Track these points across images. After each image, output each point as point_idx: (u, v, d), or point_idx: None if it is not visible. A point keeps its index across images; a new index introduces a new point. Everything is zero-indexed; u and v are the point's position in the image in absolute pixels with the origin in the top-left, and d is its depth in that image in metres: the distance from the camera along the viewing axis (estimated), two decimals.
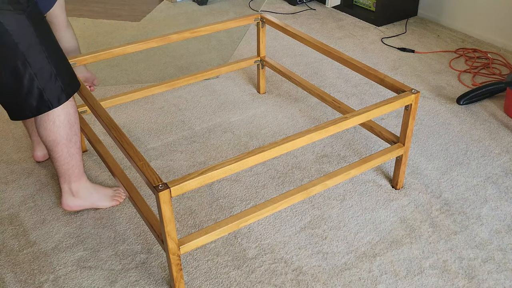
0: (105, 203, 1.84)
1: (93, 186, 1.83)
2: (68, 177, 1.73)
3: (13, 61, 1.47)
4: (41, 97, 1.54)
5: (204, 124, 2.32)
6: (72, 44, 2.05)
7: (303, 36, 2.08)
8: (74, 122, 1.65)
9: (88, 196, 1.80)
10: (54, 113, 1.59)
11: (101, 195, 1.83)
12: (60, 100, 1.58)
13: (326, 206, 1.85)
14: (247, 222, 1.53)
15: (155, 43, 2.07)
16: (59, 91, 1.57)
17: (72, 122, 1.65)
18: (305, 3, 3.68)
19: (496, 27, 2.96)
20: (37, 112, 1.57)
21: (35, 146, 2.06)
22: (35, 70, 1.51)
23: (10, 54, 1.47)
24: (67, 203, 1.78)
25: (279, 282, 1.57)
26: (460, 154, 2.10)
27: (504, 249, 1.67)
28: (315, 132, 1.50)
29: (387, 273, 1.59)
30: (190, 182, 1.33)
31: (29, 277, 1.60)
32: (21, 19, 1.45)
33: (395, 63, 2.83)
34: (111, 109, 2.43)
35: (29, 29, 1.47)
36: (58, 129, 1.62)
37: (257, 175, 2.00)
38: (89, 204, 1.81)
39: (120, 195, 1.88)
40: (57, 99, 1.57)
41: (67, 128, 1.63)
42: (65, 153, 1.67)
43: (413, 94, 1.67)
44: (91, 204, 1.82)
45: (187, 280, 1.58)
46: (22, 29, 1.46)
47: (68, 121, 1.63)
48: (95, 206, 1.83)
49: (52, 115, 1.59)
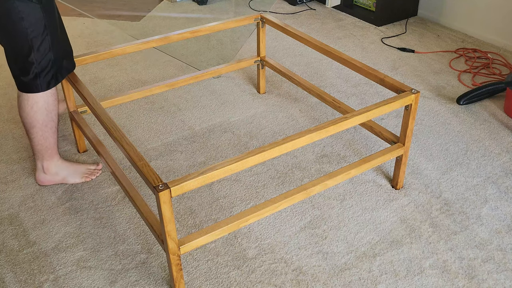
0: (75, 179, 1.95)
1: (65, 164, 1.95)
2: (41, 155, 1.87)
3: (20, 45, 1.62)
4: (34, 80, 1.68)
5: (204, 124, 2.32)
6: None
7: (303, 36, 2.08)
8: (52, 109, 1.78)
9: (58, 173, 1.93)
10: (34, 98, 1.72)
11: (71, 172, 1.95)
12: (50, 85, 1.73)
13: (326, 206, 1.85)
14: (247, 222, 1.53)
15: (155, 43, 2.07)
16: (50, 77, 1.72)
17: (50, 109, 1.77)
18: (305, 3, 3.68)
19: (496, 27, 2.96)
20: (25, 90, 1.71)
21: None
22: (37, 56, 1.65)
23: (19, 39, 1.61)
24: (39, 179, 1.93)
25: (279, 282, 1.57)
26: (460, 154, 2.10)
27: (504, 249, 1.67)
28: (315, 132, 1.50)
29: (387, 273, 1.59)
30: (190, 182, 1.33)
31: (29, 277, 1.60)
32: (36, 9, 1.60)
33: (395, 63, 2.83)
34: (111, 109, 2.43)
35: (41, 19, 1.62)
36: (35, 114, 1.75)
37: (257, 175, 2.00)
38: (59, 180, 1.94)
39: (93, 172, 1.98)
40: (47, 84, 1.72)
41: (43, 114, 1.76)
42: (40, 136, 1.81)
43: (413, 94, 1.67)
44: (61, 179, 1.94)
45: (187, 280, 1.58)
46: (35, 19, 1.60)
47: (45, 108, 1.75)
48: (65, 182, 1.95)
49: (32, 100, 1.73)
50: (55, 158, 1.90)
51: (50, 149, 1.86)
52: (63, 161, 1.95)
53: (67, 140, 2.22)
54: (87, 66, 2.83)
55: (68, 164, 1.96)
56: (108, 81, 2.68)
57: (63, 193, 1.93)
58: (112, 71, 2.78)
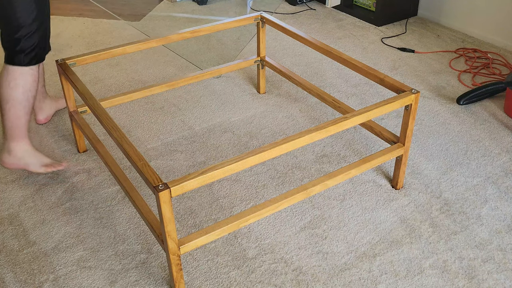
0: (36, 168, 1.96)
1: (31, 150, 1.95)
2: (10, 135, 1.90)
3: (10, 22, 1.73)
4: (18, 54, 1.78)
5: (204, 124, 2.32)
6: None
7: (303, 36, 2.08)
8: (29, 89, 1.83)
9: (22, 157, 1.93)
10: (13, 74, 1.80)
11: (34, 160, 1.95)
12: (31, 63, 1.82)
13: (326, 206, 1.85)
14: (247, 222, 1.53)
15: (155, 43, 2.07)
16: (33, 55, 1.81)
17: (27, 88, 1.83)
18: (305, 3, 3.68)
19: (496, 27, 2.96)
20: (9, 61, 1.80)
21: (36, 111, 2.28)
22: (25, 33, 1.76)
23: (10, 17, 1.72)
24: (3, 159, 1.94)
25: (279, 282, 1.57)
26: (460, 154, 2.10)
27: (504, 249, 1.67)
28: (315, 132, 1.50)
29: (387, 273, 1.59)
30: (190, 182, 1.33)
31: (29, 277, 1.60)
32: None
33: (395, 63, 2.83)
34: (111, 109, 2.43)
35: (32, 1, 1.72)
36: (11, 90, 1.80)
37: (257, 175, 2.00)
38: (22, 165, 1.95)
39: (55, 167, 1.99)
40: (29, 60, 1.81)
41: (20, 92, 1.82)
42: (12, 113, 1.84)
43: (413, 94, 1.67)
44: (24, 165, 1.95)
45: (187, 280, 1.58)
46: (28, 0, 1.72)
47: (22, 86, 1.82)
48: (26, 168, 1.95)
49: (11, 76, 1.80)
50: (23, 142, 1.91)
51: (19, 129, 1.88)
52: (32, 148, 1.95)
53: (67, 140, 2.22)
54: (87, 66, 2.83)
55: (35, 152, 1.96)
56: (108, 81, 2.68)
57: (63, 193, 1.93)
58: (112, 71, 2.78)
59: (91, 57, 1.97)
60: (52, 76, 2.75)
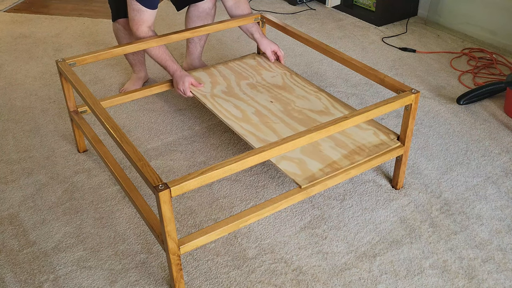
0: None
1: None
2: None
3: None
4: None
5: (204, 124, 2.32)
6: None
7: (303, 36, 2.08)
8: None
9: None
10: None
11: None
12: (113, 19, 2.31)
13: (326, 206, 1.85)
14: (247, 222, 1.53)
15: (155, 43, 2.07)
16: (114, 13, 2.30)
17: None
18: (305, 3, 3.68)
19: (496, 27, 2.96)
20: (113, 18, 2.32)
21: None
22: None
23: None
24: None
25: (279, 282, 1.57)
26: (460, 154, 2.10)
27: (504, 249, 1.67)
28: (315, 132, 1.50)
29: (387, 273, 1.59)
30: (190, 182, 1.33)
31: (29, 277, 1.60)
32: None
33: (395, 63, 2.83)
34: (111, 109, 2.43)
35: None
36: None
37: (257, 175, 2.00)
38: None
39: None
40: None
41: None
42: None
43: (413, 94, 1.67)
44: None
45: (187, 280, 1.58)
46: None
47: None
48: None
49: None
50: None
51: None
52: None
53: (67, 140, 2.22)
54: (87, 66, 2.83)
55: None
56: (108, 81, 2.68)
57: (63, 193, 1.93)
58: (112, 71, 2.78)
59: (91, 57, 1.97)
60: (52, 76, 2.75)
